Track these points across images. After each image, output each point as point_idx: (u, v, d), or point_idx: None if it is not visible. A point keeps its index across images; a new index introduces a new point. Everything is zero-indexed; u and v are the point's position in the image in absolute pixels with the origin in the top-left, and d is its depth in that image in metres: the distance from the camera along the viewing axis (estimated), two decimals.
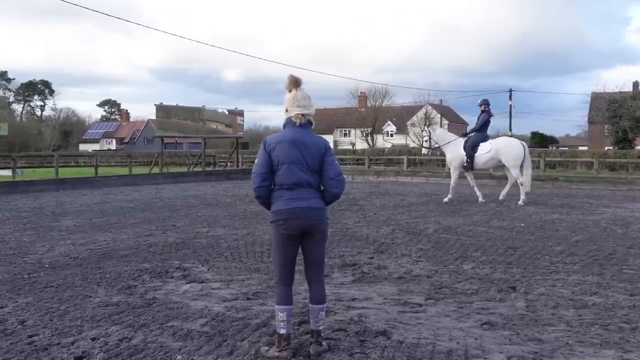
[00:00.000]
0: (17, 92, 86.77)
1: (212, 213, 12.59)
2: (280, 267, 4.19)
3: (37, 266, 7.15)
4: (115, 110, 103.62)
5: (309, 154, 4.10)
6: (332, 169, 4.18)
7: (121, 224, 10.84)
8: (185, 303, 5.50)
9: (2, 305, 5.42)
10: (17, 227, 10.57)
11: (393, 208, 13.62)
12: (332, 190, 4.19)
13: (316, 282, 4.27)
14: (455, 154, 14.85)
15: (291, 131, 4.16)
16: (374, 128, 65.21)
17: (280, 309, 4.14)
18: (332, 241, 8.79)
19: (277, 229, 4.11)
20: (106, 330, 4.69)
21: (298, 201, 4.06)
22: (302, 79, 4.31)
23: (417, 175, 26.68)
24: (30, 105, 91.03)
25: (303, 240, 4.17)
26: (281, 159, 4.06)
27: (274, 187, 4.14)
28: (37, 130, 74.65)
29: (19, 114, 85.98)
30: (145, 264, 7.23)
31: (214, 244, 8.66)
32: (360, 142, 65.30)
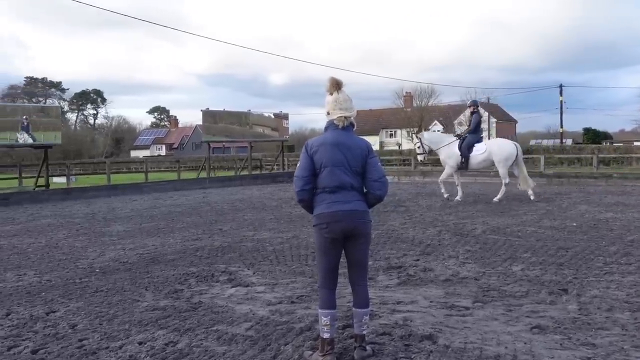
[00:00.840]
0: (71, 102, 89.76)
1: (258, 216, 12.68)
2: (323, 271, 4.15)
3: (88, 271, 7.34)
4: (164, 116, 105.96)
5: (352, 156, 4.06)
6: (375, 170, 4.12)
7: (169, 229, 11.04)
8: (231, 307, 5.53)
9: (55, 309, 5.57)
10: (70, 232, 10.89)
11: (440, 209, 13.42)
12: (376, 193, 4.13)
13: (360, 286, 4.22)
14: (449, 154, 15.11)
15: (333, 133, 4.13)
16: (420, 128, 64.54)
17: (323, 313, 4.11)
18: (377, 243, 8.71)
19: (320, 233, 4.08)
20: (153, 334, 4.76)
21: (341, 204, 4.02)
22: (343, 81, 4.27)
23: (464, 175, 26.22)
24: (83, 114, 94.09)
25: (346, 244, 4.12)
26: (324, 161, 4.04)
27: (316, 190, 4.11)
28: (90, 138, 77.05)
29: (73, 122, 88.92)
30: (192, 268, 7.32)
31: (260, 248, 8.70)
32: (406, 143, 64.76)
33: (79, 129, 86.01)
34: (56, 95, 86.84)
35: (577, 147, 40.52)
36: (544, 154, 31.71)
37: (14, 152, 34.92)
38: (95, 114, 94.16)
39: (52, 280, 6.86)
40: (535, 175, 21.82)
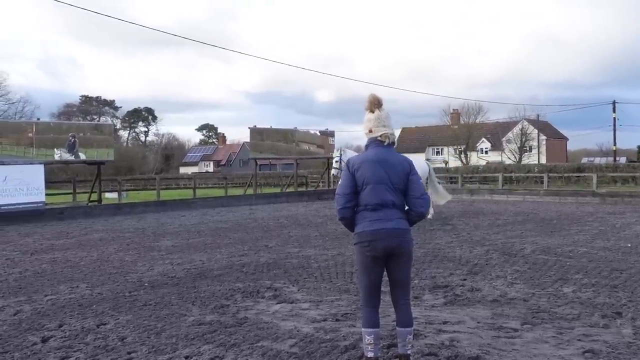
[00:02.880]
0: (124, 119, 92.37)
1: (303, 233, 12.72)
2: (365, 289, 4.12)
3: (137, 285, 7.50)
4: (212, 134, 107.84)
5: (394, 173, 4.05)
6: (418, 187, 4.11)
7: (216, 244, 11.19)
8: (275, 323, 5.55)
9: (105, 322, 5.71)
10: (120, 246, 11.17)
11: (487, 227, 13.18)
12: (419, 210, 4.10)
13: (403, 305, 4.17)
14: None
15: (375, 151, 4.12)
16: (468, 145, 63.75)
17: (367, 332, 4.08)
18: (423, 262, 8.62)
19: (361, 251, 4.05)
20: (199, 348, 4.82)
21: (383, 222, 4.00)
22: (382, 99, 4.27)
23: (512, 193, 25.76)
24: (135, 131, 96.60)
25: (388, 262, 4.08)
26: (366, 179, 4.03)
27: (358, 207, 4.09)
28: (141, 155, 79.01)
29: (125, 139, 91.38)
30: (238, 284, 7.39)
31: (305, 264, 8.72)
32: (453, 160, 64.02)
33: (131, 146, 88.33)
34: (109, 113, 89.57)
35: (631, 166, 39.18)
36: (597, 173, 30.81)
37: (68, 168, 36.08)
38: (147, 132, 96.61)
39: (103, 293, 7.04)
40: (587, 195, 21.31)
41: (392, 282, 4.18)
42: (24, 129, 21.09)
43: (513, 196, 25.01)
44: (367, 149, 4.19)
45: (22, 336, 5.29)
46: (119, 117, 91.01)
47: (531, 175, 35.25)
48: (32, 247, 11.33)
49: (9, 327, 5.59)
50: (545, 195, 24.08)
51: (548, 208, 19.20)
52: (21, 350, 4.88)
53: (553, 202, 22.17)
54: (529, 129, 62.14)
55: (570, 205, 20.78)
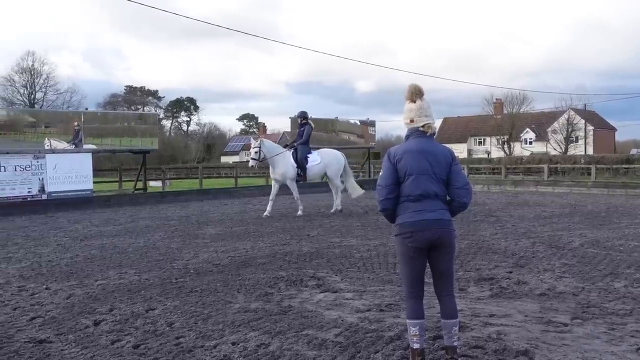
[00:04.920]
0: (166, 109, 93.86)
1: (344, 223, 12.73)
2: (408, 281, 4.08)
3: (183, 271, 7.64)
4: (253, 123, 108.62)
5: (436, 163, 4.00)
6: (460, 178, 4.07)
7: (259, 233, 11.29)
8: (320, 312, 5.58)
9: (153, 307, 5.84)
10: (166, 234, 11.38)
11: (533, 219, 12.93)
12: (462, 200, 4.05)
13: (446, 297, 4.12)
14: (288, 166, 14.62)
15: (417, 141, 4.07)
16: (511, 136, 62.61)
17: (412, 324, 4.05)
18: (467, 253, 8.52)
19: (403, 242, 4.01)
20: (245, 335, 4.88)
21: (425, 213, 3.95)
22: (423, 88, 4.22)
23: (558, 185, 25.19)
24: (177, 121, 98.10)
25: (430, 254, 4.04)
26: (408, 169, 3.98)
27: (399, 198, 4.05)
28: (184, 144, 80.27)
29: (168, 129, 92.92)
30: (281, 272, 7.45)
31: (347, 254, 8.72)
32: (496, 151, 62.98)
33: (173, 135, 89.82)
34: (153, 103, 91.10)
35: None
36: None
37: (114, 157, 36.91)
38: (189, 121, 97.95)
39: (151, 279, 7.19)
40: (637, 187, 20.69)
41: (434, 274, 4.13)
42: (71, 118, 21.67)
43: (559, 188, 24.45)
44: (408, 139, 4.14)
45: (75, 319, 5.46)
46: (162, 107, 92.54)
47: (578, 166, 34.40)
48: (81, 233, 11.65)
49: (63, 310, 5.77)
50: (592, 187, 23.47)
51: (596, 200, 18.70)
52: (75, 333, 5.04)
53: (601, 195, 21.58)
54: (576, 119, 60.56)
55: (619, 197, 20.20)
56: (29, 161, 16.78)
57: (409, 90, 4.17)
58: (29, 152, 17.32)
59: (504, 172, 32.44)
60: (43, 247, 9.88)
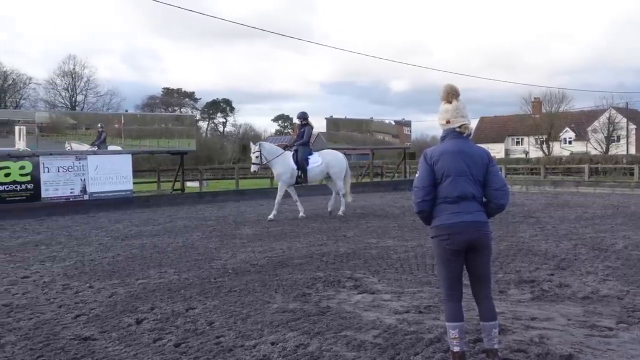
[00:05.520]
0: (203, 111, 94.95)
1: (381, 224, 12.68)
2: (446, 283, 4.06)
3: (221, 271, 7.72)
4: (288, 124, 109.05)
5: (474, 164, 3.98)
6: (498, 179, 4.04)
7: (295, 234, 11.34)
8: (358, 313, 5.57)
9: (193, 306, 5.92)
10: (204, 234, 11.53)
11: (574, 221, 12.66)
12: (499, 202, 4.03)
13: (484, 299, 4.09)
14: (285, 167, 14.24)
15: (453, 142, 4.05)
16: (550, 135, 61.41)
17: (451, 326, 4.02)
18: (506, 255, 8.39)
19: (440, 244, 3.99)
20: (284, 335, 4.91)
21: (463, 215, 3.93)
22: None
23: (600, 186, 24.62)
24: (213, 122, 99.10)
25: (467, 256, 4.01)
26: (446, 171, 3.96)
27: (436, 200, 4.02)
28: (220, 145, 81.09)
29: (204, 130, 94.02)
30: (319, 273, 7.46)
31: (384, 255, 8.69)
32: (534, 151, 61.88)
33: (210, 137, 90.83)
34: (189, 104, 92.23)
35: None
36: None
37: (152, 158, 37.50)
38: (225, 122, 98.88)
39: (190, 278, 7.29)
40: None
41: (472, 276, 4.10)
42: (111, 120, 22.13)
43: (600, 188, 23.90)
44: (444, 140, 4.11)
45: (117, 317, 5.57)
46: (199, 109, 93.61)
47: (620, 166, 33.48)
48: (122, 233, 11.88)
49: (106, 309, 5.89)
50: (635, 188, 22.88)
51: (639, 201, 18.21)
52: (118, 331, 5.14)
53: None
54: (617, 117, 59.03)
55: None
56: (72, 162, 17.18)
57: (444, 90, 4.15)
58: (72, 154, 17.75)
59: (543, 172, 31.85)
60: (86, 247, 10.11)
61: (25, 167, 16.31)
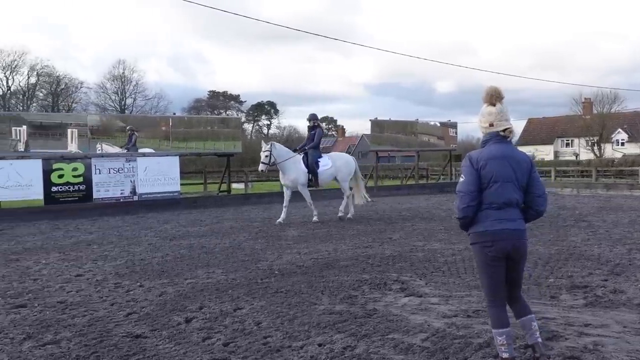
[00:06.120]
0: (248, 113, 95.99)
1: (427, 226, 12.55)
2: (489, 289, 4.01)
3: (268, 272, 7.78)
4: (331, 126, 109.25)
5: (519, 170, 3.93)
6: (540, 185, 4.03)
7: (340, 235, 11.34)
8: (405, 316, 5.53)
9: (241, 306, 5.98)
10: (250, 235, 11.65)
11: (628, 225, 12.25)
12: (540, 209, 4.03)
13: (517, 298, 4.13)
14: (299, 171, 13.93)
15: (499, 146, 3.97)
16: (601, 137, 59.59)
17: (497, 333, 3.97)
18: (557, 260, 8.19)
19: (483, 251, 3.94)
20: (331, 337, 4.91)
21: (506, 222, 3.89)
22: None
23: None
24: (258, 124, 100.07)
25: (506, 262, 3.98)
26: (494, 176, 3.88)
27: (481, 206, 3.95)
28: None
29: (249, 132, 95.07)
30: (365, 275, 7.44)
31: (431, 258, 8.60)
32: (584, 153, 60.19)
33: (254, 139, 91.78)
34: (235, 107, 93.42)
35: None
36: None
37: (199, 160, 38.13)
38: (269, 125, 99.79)
39: (237, 279, 7.38)
40: None
41: (507, 282, 4.06)
42: (158, 122, 22.62)
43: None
44: (487, 144, 4.02)
45: (167, 316, 5.68)
46: (244, 111, 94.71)
47: None
48: (170, 233, 12.12)
49: (156, 307, 6.02)
50: None
51: None
52: (168, 329, 5.24)
53: None
54: None
55: None
56: (122, 164, 17.64)
57: (487, 93, 4.07)
58: (122, 156, 18.21)
59: (594, 174, 30.97)
60: (135, 246, 10.35)
61: (78, 169, 16.85)
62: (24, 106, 61.60)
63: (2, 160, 16.21)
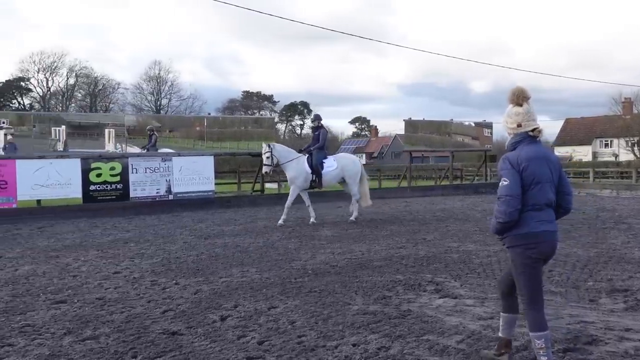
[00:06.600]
0: (281, 113, 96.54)
1: (461, 227, 12.42)
2: (530, 292, 3.97)
3: (302, 272, 7.80)
4: (365, 126, 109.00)
5: (555, 170, 3.95)
6: (568, 184, 4.08)
7: (374, 236, 11.30)
8: (440, 318, 5.48)
9: (275, 305, 6.01)
10: (283, 235, 11.70)
11: None
12: (570, 207, 4.08)
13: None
14: (299, 171, 13.60)
15: (533, 147, 3.95)
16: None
17: (536, 336, 3.92)
18: (596, 263, 8.02)
19: (525, 253, 3.90)
20: (365, 337, 4.90)
21: (547, 224, 3.90)
22: None
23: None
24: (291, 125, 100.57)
25: None
26: (536, 177, 3.86)
27: (523, 207, 3.89)
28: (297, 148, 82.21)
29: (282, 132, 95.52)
30: (399, 276, 7.40)
31: (466, 259, 8.50)
32: (624, 153, 58.72)
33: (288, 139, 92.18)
34: (268, 107, 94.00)
35: None
36: None
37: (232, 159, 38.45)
38: (302, 125, 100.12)
39: (271, 278, 7.41)
40: None
41: None
42: (193, 123, 22.94)
43: None
44: (520, 145, 3.98)
45: (203, 314, 5.75)
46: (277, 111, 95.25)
47: None
48: (205, 232, 12.26)
49: (191, 305, 6.09)
50: None
51: None
52: (203, 327, 5.30)
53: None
54: None
55: None
56: (158, 164, 17.90)
57: (513, 93, 4.06)
58: (158, 155, 18.49)
59: (634, 176, 30.21)
60: (171, 245, 10.50)
61: (115, 168, 17.15)
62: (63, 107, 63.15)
63: (42, 159, 16.61)
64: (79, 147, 20.81)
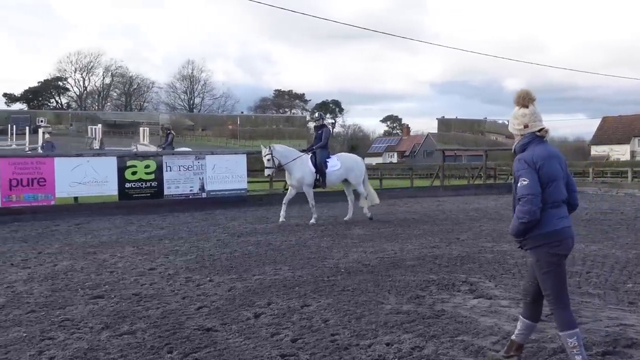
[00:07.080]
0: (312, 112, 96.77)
1: (495, 227, 12.27)
2: (556, 291, 3.98)
3: (334, 270, 7.80)
4: (396, 125, 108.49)
5: (565, 168, 4.04)
6: (573, 181, 4.16)
7: (406, 235, 11.24)
8: (474, 318, 5.43)
9: (308, 303, 6.03)
10: (316, 233, 11.72)
11: None
12: (577, 203, 4.18)
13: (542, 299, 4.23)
14: (306, 171, 13.36)
15: (544, 147, 4.04)
16: None
17: (568, 335, 3.91)
18: (636, 264, 7.87)
19: (549, 251, 3.93)
20: (399, 337, 4.88)
21: (565, 220, 3.98)
22: None
23: None
24: None
25: None
26: (552, 175, 3.93)
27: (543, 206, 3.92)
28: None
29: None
30: (432, 275, 7.35)
31: (500, 260, 8.40)
32: None
33: None
34: (300, 106, 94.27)
35: None
36: None
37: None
38: (333, 123, 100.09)
39: (304, 276, 7.44)
40: None
41: None
42: (225, 121, 23.15)
43: None
44: (530, 145, 4.04)
45: (237, 311, 5.80)
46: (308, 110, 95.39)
47: None
48: (238, 230, 12.36)
49: (225, 302, 6.15)
50: None
51: None
52: (237, 324, 5.35)
53: None
54: None
55: None
56: (191, 162, 18.12)
57: (519, 95, 4.16)
58: (192, 153, 18.71)
59: None
60: (205, 242, 10.61)
61: (150, 166, 17.42)
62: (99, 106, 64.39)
63: (79, 157, 16.96)
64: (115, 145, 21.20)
